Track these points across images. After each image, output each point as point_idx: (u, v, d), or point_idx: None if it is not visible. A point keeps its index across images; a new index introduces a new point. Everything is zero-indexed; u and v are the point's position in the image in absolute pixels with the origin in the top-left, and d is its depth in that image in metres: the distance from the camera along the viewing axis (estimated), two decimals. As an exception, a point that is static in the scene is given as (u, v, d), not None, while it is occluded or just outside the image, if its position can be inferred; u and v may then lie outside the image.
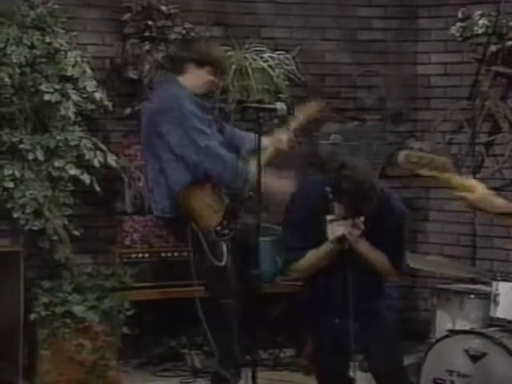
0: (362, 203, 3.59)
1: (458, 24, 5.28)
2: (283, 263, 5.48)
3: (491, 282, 4.40)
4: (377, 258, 3.77)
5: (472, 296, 4.49)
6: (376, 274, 3.84)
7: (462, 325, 4.36)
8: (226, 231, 4.33)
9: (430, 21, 5.87)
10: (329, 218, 3.63)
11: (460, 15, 5.31)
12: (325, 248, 3.72)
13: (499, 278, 4.38)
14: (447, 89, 5.76)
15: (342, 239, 3.66)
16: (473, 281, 4.78)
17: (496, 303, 4.34)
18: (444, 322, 4.54)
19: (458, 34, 5.27)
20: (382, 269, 3.81)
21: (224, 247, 4.33)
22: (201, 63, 4.53)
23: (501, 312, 4.33)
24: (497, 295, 4.34)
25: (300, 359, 5.38)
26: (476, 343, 4.20)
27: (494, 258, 5.46)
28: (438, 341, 4.33)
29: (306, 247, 3.75)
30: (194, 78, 4.53)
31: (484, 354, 4.17)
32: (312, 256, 3.75)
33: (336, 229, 3.64)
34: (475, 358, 4.18)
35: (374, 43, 5.85)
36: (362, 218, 3.65)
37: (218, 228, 4.32)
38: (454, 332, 4.31)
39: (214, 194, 4.36)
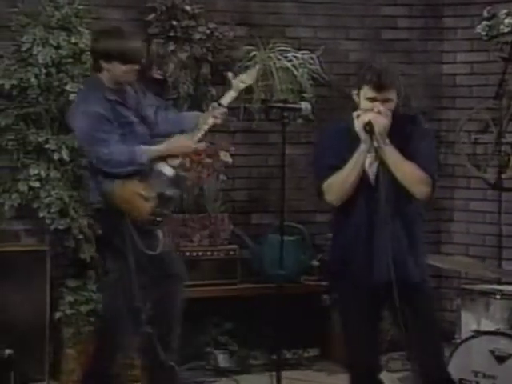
0: (385, 90, 3.50)
1: (484, 23, 5.26)
2: (308, 257, 5.56)
3: (516, 282, 4.43)
4: (407, 165, 3.53)
5: (497, 296, 4.45)
6: (412, 211, 3.61)
7: (487, 325, 4.34)
8: (160, 219, 4.26)
9: (455, 19, 5.85)
10: (355, 113, 3.54)
11: (486, 14, 5.29)
12: (356, 154, 3.52)
13: (525, 279, 4.41)
14: (473, 88, 5.74)
15: (369, 129, 3.47)
16: (498, 281, 4.77)
17: (522, 304, 4.34)
18: (469, 322, 4.52)
19: (483, 33, 5.26)
20: (414, 178, 3.54)
21: (160, 235, 4.26)
22: (108, 58, 4.30)
23: (526, 313, 4.33)
24: (523, 296, 4.34)
25: (324, 359, 5.42)
26: (501, 344, 4.19)
27: (520, 258, 5.47)
28: (462, 342, 4.32)
29: (337, 166, 3.55)
30: (107, 74, 4.31)
31: (510, 355, 4.17)
32: (344, 169, 3.54)
33: (362, 117, 3.50)
34: (501, 358, 4.18)
35: (398, 42, 5.84)
36: (388, 109, 3.52)
37: (152, 216, 4.24)
38: (479, 333, 4.30)
39: (143, 182, 4.26)
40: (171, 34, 5.39)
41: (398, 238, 3.58)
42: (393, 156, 3.52)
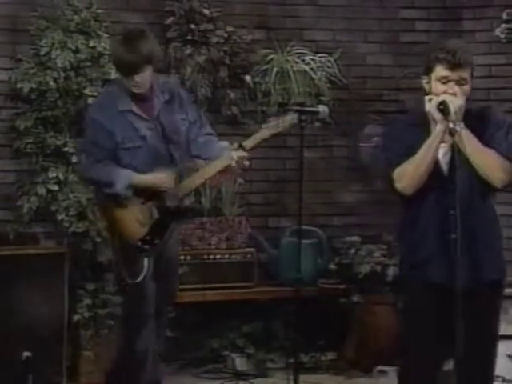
0: (460, 69, 3.26)
1: (503, 25, 5.23)
2: (326, 260, 5.53)
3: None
4: (486, 151, 3.27)
5: (516, 299, 4.48)
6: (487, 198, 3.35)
7: (505, 329, 4.30)
8: (147, 247, 4.02)
9: (473, 22, 5.83)
10: (427, 97, 3.32)
11: (505, 16, 5.26)
12: (430, 137, 3.29)
13: (544, 282, 4.38)
14: (491, 91, 5.72)
15: (444, 108, 3.23)
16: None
17: (541, 308, 4.34)
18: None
19: (502, 36, 5.23)
20: (494, 164, 3.28)
21: (145, 263, 4.00)
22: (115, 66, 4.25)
23: (546, 317, 4.33)
24: (542, 299, 4.34)
25: (341, 362, 5.40)
26: None
27: None
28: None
29: (408, 155, 3.31)
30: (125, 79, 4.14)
31: (528, 359, 4.18)
32: (418, 154, 3.29)
33: (436, 99, 3.27)
34: None
35: (417, 45, 5.82)
36: (463, 92, 3.28)
37: (139, 243, 4.02)
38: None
39: (144, 205, 4.06)
40: (189, 37, 5.41)
41: (474, 235, 3.31)
42: (470, 140, 3.27)
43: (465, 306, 3.17)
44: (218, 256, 5.30)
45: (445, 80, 3.30)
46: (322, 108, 4.00)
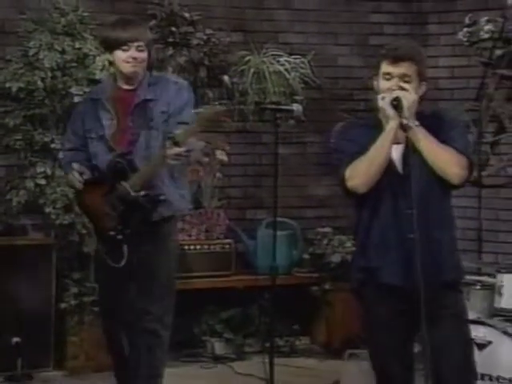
0: (402, 63, 3.09)
1: (466, 29, 5.26)
2: (300, 250, 5.54)
3: (496, 273, 4.37)
4: (440, 147, 3.11)
5: (477, 287, 4.44)
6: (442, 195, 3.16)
7: (468, 314, 4.35)
8: (120, 237, 3.81)
9: (438, 26, 5.87)
10: (379, 96, 3.15)
11: (467, 21, 5.29)
12: (384, 134, 3.12)
13: (503, 271, 4.35)
14: (454, 91, 5.76)
15: (397, 104, 3.07)
16: (478, 272, 4.77)
17: (500, 294, 4.30)
18: (451, 311, 4.53)
19: (465, 39, 5.26)
20: (449, 160, 3.11)
21: (125, 248, 3.81)
22: (108, 47, 3.96)
23: (505, 302, 4.29)
24: (501, 287, 4.30)
25: (314, 346, 5.41)
26: (481, 332, 4.17)
27: (498, 251, 5.46)
28: (445, 330, 4.32)
29: (360, 154, 3.13)
30: (116, 68, 3.95)
31: (489, 343, 4.16)
32: (370, 150, 3.11)
33: (389, 95, 3.10)
34: (481, 346, 4.15)
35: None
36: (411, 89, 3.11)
37: (113, 233, 3.83)
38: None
39: (105, 198, 3.86)
40: (170, 39, 5.40)
41: (430, 235, 3.12)
42: (424, 136, 3.09)
43: (427, 308, 2.99)
44: (197, 247, 5.31)
45: (388, 76, 3.13)
46: (295, 106, 3.98)
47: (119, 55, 3.85)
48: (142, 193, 3.77)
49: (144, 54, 3.87)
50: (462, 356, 3.20)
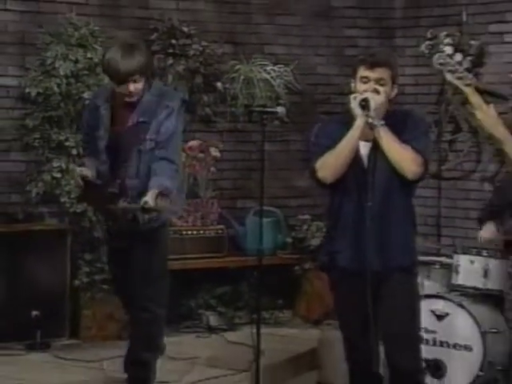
0: (378, 68, 3.09)
1: (427, 43, 5.25)
2: (284, 234, 5.55)
3: (453, 254, 4.41)
4: (399, 145, 3.06)
5: (437, 266, 4.47)
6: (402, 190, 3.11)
7: (429, 290, 4.34)
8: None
9: (404, 40, 5.88)
10: (351, 95, 3.11)
11: (429, 35, 5.28)
12: (351, 131, 3.09)
13: (459, 252, 4.38)
14: (418, 96, 5.77)
15: (365, 104, 3.04)
16: (438, 253, 4.81)
17: (457, 272, 4.33)
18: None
19: (427, 51, 5.25)
20: (406, 157, 3.06)
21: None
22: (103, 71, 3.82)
23: (461, 279, 4.33)
24: (457, 266, 4.33)
25: (296, 318, 5.41)
26: (440, 305, 4.21)
27: (455, 235, 5.48)
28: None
29: (331, 147, 3.10)
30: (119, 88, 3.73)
31: (447, 314, 4.19)
32: (338, 145, 3.08)
33: (360, 96, 3.07)
34: (439, 317, 4.20)
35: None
36: (383, 90, 3.08)
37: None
38: (422, 296, 4.34)
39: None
40: (170, 50, 5.39)
41: (389, 225, 3.10)
42: (386, 135, 3.06)
43: (380, 288, 3.03)
44: (194, 232, 5.30)
45: (366, 79, 3.10)
46: (280, 109, 3.96)
47: (117, 88, 3.68)
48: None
49: (140, 84, 3.65)
50: (409, 326, 3.17)
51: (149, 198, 3.47)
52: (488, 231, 4.27)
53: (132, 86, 3.66)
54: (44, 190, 4.97)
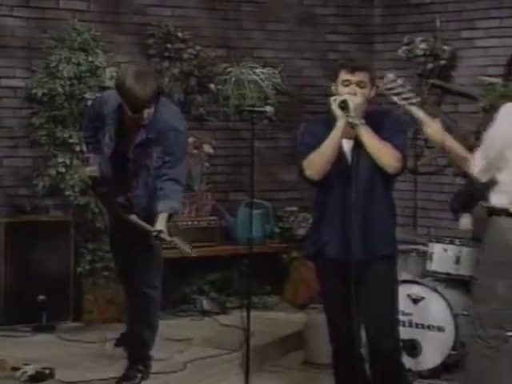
0: (358, 72, 3.10)
1: (404, 47, 5.28)
2: (272, 226, 5.56)
3: (428, 243, 4.43)
4: (380, 142, 3.08)
5: (413, 254, 4.50)
6: (383, 180, 3.12)
7: (405, 276, 4.37)
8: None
9: (382, 45, 5.89)
10: (332, 97, 3.11)
11: (405, 41, 5.31)
12: (333, 131, 3.09)
13: (434, 241, 4.41)
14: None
15: (344, 106, 3.04)
16: (414, 242, 4.83)
17: (431, 259, 4.36)
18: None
19: (404, 55, 5.28)
20: (386, 154, 3.08)
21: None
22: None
23: (434, 266, 4.35)
24: (432, 253, 4.36)
25: (283, 303, 5.41)
26: (416, 290, 4.23)
27: (430, 225, 5.51)
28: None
29: (316, 147, 3.11)
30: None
31: (422, 298, 4.22)
32: (322, 145, 3.08)
33: (339, 98, 3.08)
34: (415, 300, 4.22)
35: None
36: (362, 92, 3.09)
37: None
38: (399, 282, 4.36)
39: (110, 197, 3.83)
40: (166, 54, 5.38)
41: (371, 217, 3.10)
42: (367, 133, 3.06)
43: (362, 275, 3.03)
44: (189, 222, 5.29)
45: (347, 83, 3.11)
46: (268, 108, 3.95)
47: (131, 114, 3.58)
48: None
49: (152, 109, 3.60)
50: (388, 309, 3.19)
51: (162, 226, 3.53)
52: (466, 223, 4.30)
53: (146, 113, 3.61)
54: (49, 183, 4.97)
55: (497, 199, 3.23)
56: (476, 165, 3.22)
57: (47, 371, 3.87)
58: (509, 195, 3.23)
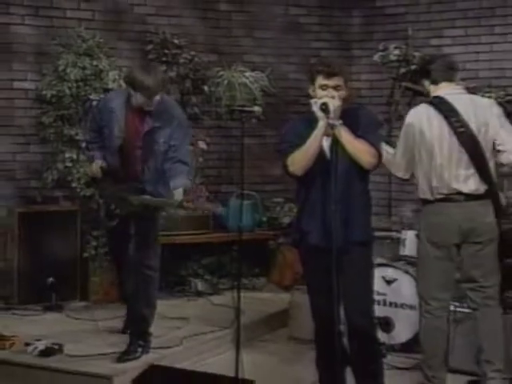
0: (335, 77, 3.10)
1: (380, 53, 5.29)
2: (260, 216, 5.58)
3: (400, 230, 4.45)
4: (356, 140, 3.07)
5: (388, 240, 4.52)
6: (360, 175, 3.12)
7: (380, 260, 4.37)
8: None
9: (360, 51, 5.89)
10: (313, 100, 3.11)
11: (381, 47, 5.33)
12: (315, 130, 3.08)
13: (406, 228, 4.42)
14: (372, 98, 5.78)
15: (325, 108, 3.04)
16: (388, 229, 4.85)
17: (404, 245, 4.36)
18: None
19: (379, 60, 5.30)
20: (362, 150, 3.07)
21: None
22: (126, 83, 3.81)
23: (407, 251, 4.35)
24: (404, 240, 4.36)
25: (270, 284, 5.42)
26: (389, 272, 4.24)
27: (403, 214, 5.55)
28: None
29: (299, 145, 3.09)
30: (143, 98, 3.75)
31: (395, 279, 4.23)
32: (305, 144, 3.07)
33: (319, 101, 3.06)
34: (389, 282, 4.24)
35: (322, 66, 5.86)
36: (339, 95, 3.08)
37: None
38: (375, 265, 4.37)
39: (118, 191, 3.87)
40: (164, 59, 5.37)
41: (349, 207, 3.09)
42: (345, 133, 3.05)
43: (341, 260, 3.02)
44: (185, 212, 5.28)
45: (325, 87, 3.09)
46: (257, 108, 3.90)
47: (141, 99, 3.69)
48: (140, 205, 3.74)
49: (158, 96, 3.70)
50: (365, 290, 3.21)
51: (181, 197, 3.69)
52: None
53: (155, 100, 3.73)
54: (58, 176, 4.97)
55: (419, 190, 3.47)
56: (396, 166, 3.46)
57: (56, 346, 3.88)
58: (422, 185, 3.46)
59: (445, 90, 3.50)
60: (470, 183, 3.40)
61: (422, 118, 3.48)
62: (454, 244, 3.43)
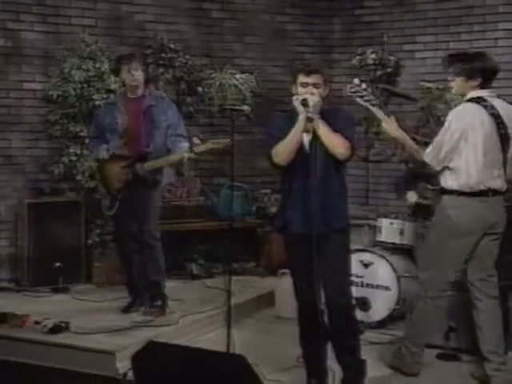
0: (314, 74, 3.10)
1: (358, 57, 5.31)
2: (249, 206, 5.58)
3: (377, 218, 4.45)
4: (333, 134, 3.07)
5: (365, 228, 4.56)
6: (337, 167, 3.12)
7: (358, 245, 4.40)
8: (119, 195, 4.03)
9: (340, 55, 5.88)
10: (294, 97, 3.10)
11: (359, 52, 5.34)
12: (296, 124, 3.07)
13: (382, 216, 4.43)
14: (350, 98, 5.79)
15: (305, 103, 3.04)
16: (366, 218, 4.87)
17: (380, 232, 4.38)
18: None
19: (357, 64, 5.31)
20: (337, 143, 3.06)
21: (116, 204, 4.03)
22: (117, 67, 4.09)
23: (382, 237, 4.37)
24: (380, 227, 4.37)
25: (258, 268, 5.43)
26: (366, 256, 4.25)
27: (379, 203, 5.52)
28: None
29: (282, 138, 3.10)
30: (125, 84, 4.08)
31: (371, 263, 4.24)
32: (287, 137, 3.08)
33: (300, 97, 3.08)
34: (366, 265, 4.24)
35: (306, 69, 5.86)
36: (318, 93, 3.09)
37: (115, 192, 4.03)
38: (353, 250, 4.39)
39: (122, 168, 3.99)
40: (161, 62, 5.36)
41: (327, 196, 3.08)
42: (322, 126, 3.06)
43: (320, 245, 3.01)
44: (179, 202, 5.29)
45: (305, 84, 3.10)
46: (246, 107, 4.02)
47: (126, 75, 3.99)
48: (149, 172, 3.95)
49: (139, 73, 4.00)
50: (343, 273, 3.21)
51: (186, 152, 3.93)
52: (412, 197, 4.34)
53: (134, 72, 3.99)
54: (64, 170, 4.96)
55: (450, 182, 3.32)
56: (433, 156, 3.31)
57: (63, 324, 3.89)
58: (459, 179, 3.31)
59: (484, 92, 3.35)
60: (499, 181, 3.35)
61: (472, 116, 3.31)
62: (477, 236, 3.36)
